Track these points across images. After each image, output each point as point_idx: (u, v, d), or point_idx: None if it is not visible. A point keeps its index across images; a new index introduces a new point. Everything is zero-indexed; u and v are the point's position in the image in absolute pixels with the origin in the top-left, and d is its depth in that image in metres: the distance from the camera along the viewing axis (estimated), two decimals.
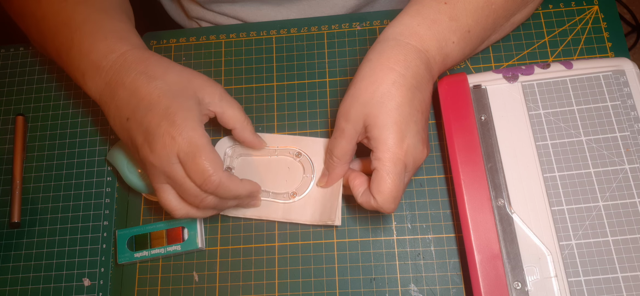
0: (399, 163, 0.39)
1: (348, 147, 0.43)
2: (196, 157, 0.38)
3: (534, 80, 0.47)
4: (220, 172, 0.39)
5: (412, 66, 0.41)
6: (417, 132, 0.40)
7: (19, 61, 0.56)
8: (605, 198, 0.43)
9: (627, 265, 0.41)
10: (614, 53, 0.50)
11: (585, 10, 0.52)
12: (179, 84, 0.42)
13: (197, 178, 0.39)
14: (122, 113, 0.41)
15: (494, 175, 0.44)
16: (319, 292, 0.45)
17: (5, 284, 0.48)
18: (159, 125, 0.39)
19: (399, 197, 0.40)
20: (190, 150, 0.39)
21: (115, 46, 0.43)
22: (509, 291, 0.41)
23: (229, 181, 0.40)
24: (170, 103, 0.40)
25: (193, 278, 0.47)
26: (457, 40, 0.43)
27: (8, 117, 0.54)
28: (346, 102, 0.42)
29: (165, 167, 0.39)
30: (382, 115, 0.39)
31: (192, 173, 0.39)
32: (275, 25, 0.55)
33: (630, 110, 0.45)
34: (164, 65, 0.43)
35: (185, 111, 0.40)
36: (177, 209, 0.41)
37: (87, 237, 0.49)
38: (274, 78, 0.53)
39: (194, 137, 0.39)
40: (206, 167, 0.39)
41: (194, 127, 0.39)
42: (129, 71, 0.42)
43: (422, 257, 0.45)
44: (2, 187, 0.51)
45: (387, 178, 0.39)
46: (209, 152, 0.39)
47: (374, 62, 0.41)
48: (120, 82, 0.42)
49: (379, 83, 0.40)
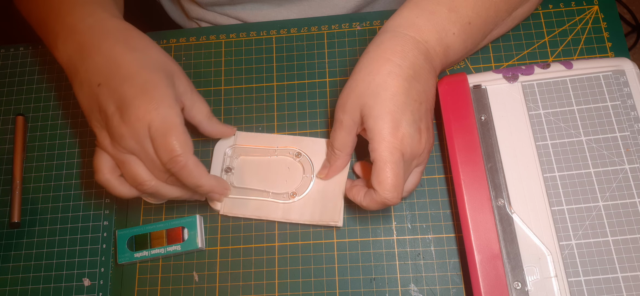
0: (395, 151, 0.39)
1: (347, 138, 0.43)
2: (167, 135, 0.38)
3: (534, 80, 0.47)
4: (189, 154, 0.39)
5: (410, 57, 0.40)
6: (413, 121, 0.40)
7: (19, 61, 0.56)
8: (605, 198, 0.43)
9: (627, 265, 0.41)
10: (614, 53, 0.50)
11: (585, 10, 0.52)
12: (158, 62, 0.42)
13: (163, 156, 0.39)
14: (93, 78, 0.41)
15: (494, 175, 0.44)
16: (319, 292, 0.45)
17: (5, 284, 0.48)
18: (135, 97, 0.39)
19: (399, 186, 0.39)
20: (162, 126, 0.38)
21: (93, 11, 0.43)
22: (509, 291, 0.41)
23: (194, 167, 0.40)
24: (149, 77, 0.40)
25: (193, 278, 0.47)
26: (458, 32, 0.43)
27: (8, 117, 0.54)
28: (344, 93, 0.42)
29: (136, 139, 0.39)
30: (377, 106, 0.39)
31: (160, 150, 0.39)
32: (275, 25, 0.55)
33: (630, 110, 0.45)
34: (145, 40, 0.43)
35: (164, 88, 0.40)
36: (147, 181, 0.41)
37: (87, 237, 0.49)
38: (274, 78, 0.53)
39: (170, 115, 0.39)
40: (175, 145, 0.38)
41: (171, 105, 0.39)
42: (107, 37, 0.41)
43: (422, 257, 0.45)
44: (2, 187, 0.51)
45: (385, 168, 0.39)
46: (181, 133, 0.39)
47: (371, 54, 0.41)
48: (96, 47, 0.41)
49: (375, 74, 0.40)
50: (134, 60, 0.40)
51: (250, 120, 0.51)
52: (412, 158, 0.41)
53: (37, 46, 0.57)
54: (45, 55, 0.56)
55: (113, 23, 0.43)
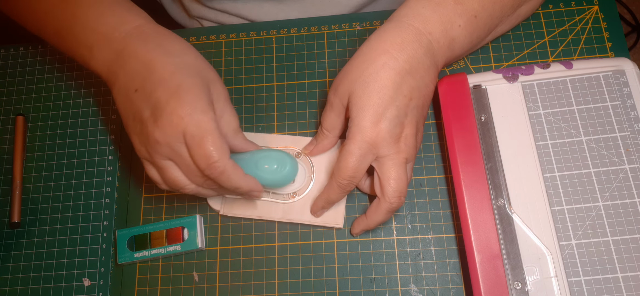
0: (363, 144, 0.40)
1: (336, 120, 0.44)
2: (203, 141, 0.37)
3: (534, 80, 0.47)
4: (226, 159, 0.38)
5: (408, 50, 0.40)
6: (397, 116, 0.40)
7: (19, 61, 0.56)
8: (605, 198, 0.43)
9: (627, 265, 0.41)
10: (614, 53, 0.50)
11: (585, 10, 0.52)
12: (194, 67, 0.41)
13: (201, 162, 0.38)
14: (131, 84, 0.40)
15: (494, 175, 0.44)
16: (319, 292, 0.45)
17: (5, 284, 0.48)
18: (168, 102, 0.38)
19: (355, 177, 0.41)
20: (197, 132, 0.37)
21: (126, 18, 0.42)
22: (509, 291, 0.41)
23: (232, 171, 0.39)
24: (183, 82, 0.39)
25: (193, 278, 0.47)
26: (464, 25, 0.42)
27: (8, 117, 0.54)
28: (338, 76, 0.43)
29: (171, 146, 0.38)
30: (364, 97, 0.40)
31: (197, 156, 0.38)
32: (275, 25, 0.55)
33: (630, 110, 0.45)
34: (182, 44, 0.42)
35: (197, 92, 0.39)
36: (187, 185, 0.40)
37: (87, 237, 0.49)
38: (274, 78, 0.53)
39: (203, 120, 0.38)
40: (211, 152, 0.38)
41: (204, 110, 0.38)
42: (145, 42, 0.41)
43: (422, 257, 0.45)
44: (2, 187, 0.51)
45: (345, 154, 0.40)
46: (217, 138, 0.38)
47: (372, 43, 0.42)
48: (134, 53, 0.40)
49: (369, 63, 0.41)
50: (169, 64, 0.39)
51: (250, 120, 0.51)
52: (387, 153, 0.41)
53: (37, 46, 0.57)
54: (45, 55, 0.56)
55: (150, 28, 0.42)
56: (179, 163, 0.39)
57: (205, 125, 0.38)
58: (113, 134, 0.52)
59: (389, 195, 0.41)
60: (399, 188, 0.40)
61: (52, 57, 0.56)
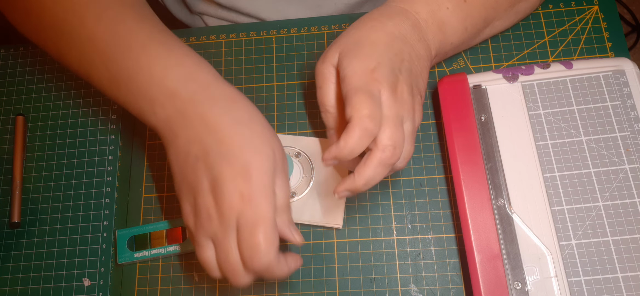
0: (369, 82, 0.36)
1: (332, 88, 0.41)
2: (255, 229, 0.35)
3: (534, 80, 0.47)
4: (273, 253, 0.35)
5: (396, 21, 0.41)
6: (392, 69, 0.37)
7: (19, 61, 0.56)
8: (605, 198, 0.43)
9: (627, 265, 0.41)
10: (614, 53, 0.50)
11: (585, 10, 0.52)
12: (262, 137, 0.37)
13: (245, 251, 0.35)
14: (192, 148, 0.37)
15: (494, 175, 0.44)
16: (319, 292, 0.45)
17: (5, 284, 0.48)
18: (233, 181, 0.35)
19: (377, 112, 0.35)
20: (253, 218, 0.35)
21: (195, 74, 0.39)
22: (509, 291, 0.41)
23: (276, 266, 0.36)
24: (251, 159, 0.36)
25: (193, 278, 0.47)
26: (452, 7, 0.43)
27: (8, 117, 0.54)
28: (326, 50, 0.42)
29: (223, 226, 0.36)
30: (355, 49, 0.39)
31: (243, 243, 0.35)
32: (275, 25, 0.55)
33: (630, 110, 0.45)
34: (250, 109, 0.39)
35: (264, 174, 0.36)
36: (216, 270, 0.38)
37: (87, 237, 0.49)
38: (274, 78, 0.53)
39: (263, 209, 0.35)
40: (260, 243, 0.35)
41: (267, 196, 0.35)
42: (213, 105, 0.37)
43: (422, 257, 0.45)
44: (2, 187, 0.51)
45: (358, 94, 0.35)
46: (270, 229, 0.35)
47: (361, 20, 0.43)
48: (199, 115, 0.37)
49: (357, 29, 0.41)
50: (237, 136, 0.36)
51: None
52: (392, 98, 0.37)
53: (37, 46, 0.57)
54: (45, 55, 0.56)
55: (219, 88, 0.39)
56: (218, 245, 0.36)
57: (263, 213, 0.35)
58: (113, 134, 0.52)
59: (383, 142, 0.36)
60: (393, 137, 0.36)
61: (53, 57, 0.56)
